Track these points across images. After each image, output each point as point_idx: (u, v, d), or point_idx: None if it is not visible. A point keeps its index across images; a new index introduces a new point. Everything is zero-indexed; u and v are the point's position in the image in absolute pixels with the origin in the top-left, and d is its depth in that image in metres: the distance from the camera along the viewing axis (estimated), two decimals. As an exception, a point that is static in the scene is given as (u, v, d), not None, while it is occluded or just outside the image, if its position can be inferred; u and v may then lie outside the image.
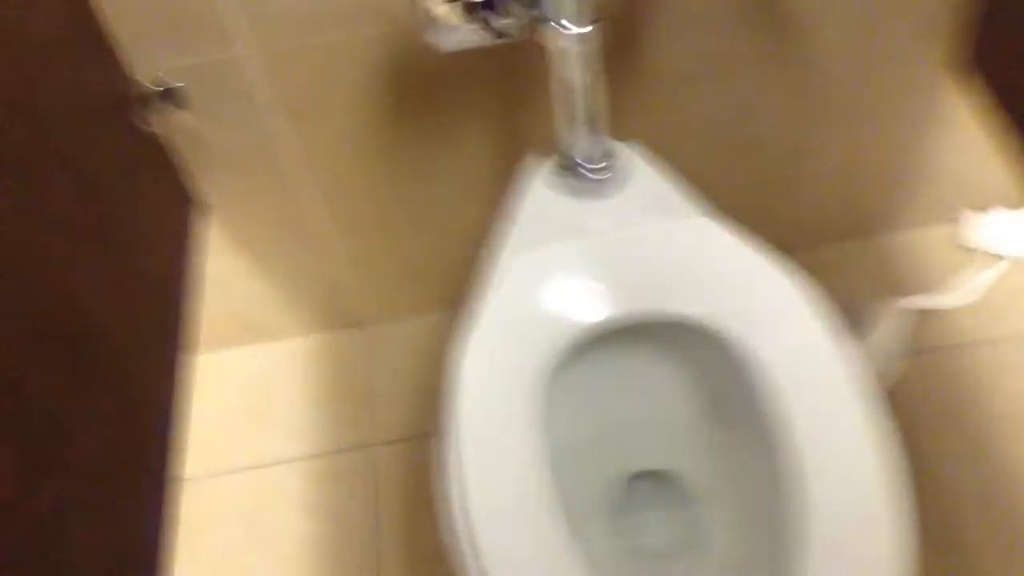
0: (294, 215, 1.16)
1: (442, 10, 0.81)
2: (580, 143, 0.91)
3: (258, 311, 1.29)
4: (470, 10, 0.81)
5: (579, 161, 0.93)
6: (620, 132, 0.96)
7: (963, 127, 1.19)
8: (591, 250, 0.89)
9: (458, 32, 0.82)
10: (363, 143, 1.09)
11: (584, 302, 0.86)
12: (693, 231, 0.89)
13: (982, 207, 1.33)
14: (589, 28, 0.81)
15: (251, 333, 1.32)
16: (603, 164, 0.92)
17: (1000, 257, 1.32)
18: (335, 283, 1.27)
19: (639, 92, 1.09)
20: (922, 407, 1.21)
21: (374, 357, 1.32)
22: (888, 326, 1.26)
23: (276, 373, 1.32)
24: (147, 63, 0.96)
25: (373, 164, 1.12)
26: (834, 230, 1.35)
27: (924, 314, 1.28)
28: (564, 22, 0.81)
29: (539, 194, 0.94)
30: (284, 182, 1.11)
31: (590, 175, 0.93)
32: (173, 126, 1.03)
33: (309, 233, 1.19)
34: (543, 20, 0.82)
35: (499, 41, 0.83)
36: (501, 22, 0.82)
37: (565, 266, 0.88)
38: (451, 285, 1.29)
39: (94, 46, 0.92)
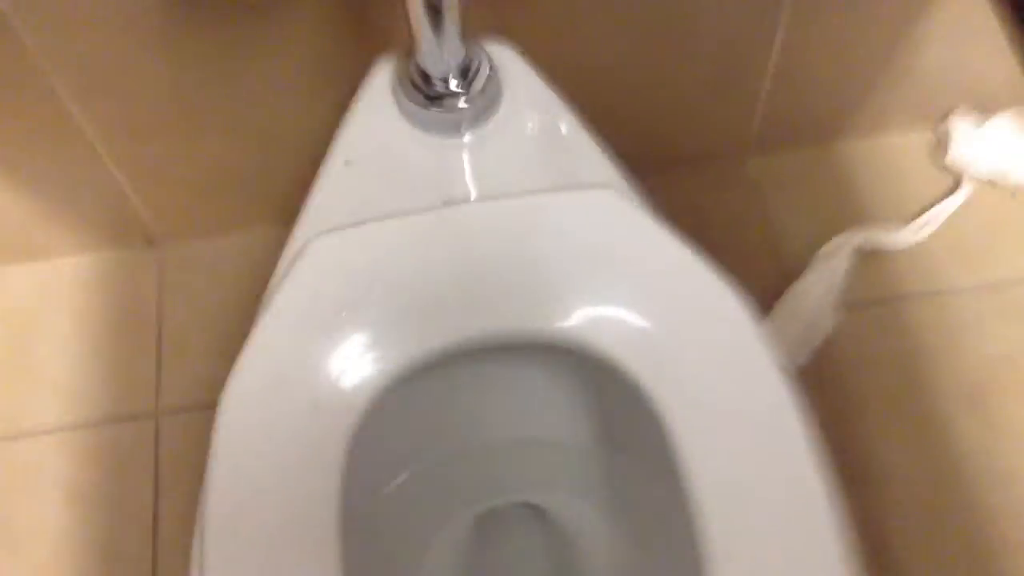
0: (49, 113, 0.85)
1: None
2: (426, 46, 0.60)
3: (8, 223, 0.97)
4: None
5: (426, 75, 0.62)
6: (495, 25, 0.66)
7: (968, 16, 0.92)
8: (430, 231, 0.60)
9: None
10: (144, 21, 0.77)
11: (410, 321, 0.58)
12: (583, 208, 0.60)
13: (980, 112, 1.06)
14: None
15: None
16: (457, 81, 0.62)
17: (987, 180, 1.05)
18: (114, 191, 0.95)
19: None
20: (861, 377, 0.96)
21: (169, 288, 1.01)
22: (825, 268, 1.00)
23: (33, 305, 0.99)
24: None
25: (162, 51, 0.81)
26: (790, 137, 1.08)
27: (874, 254, 1.02)
28: None
29: (375, 124, 0.65)
30: (26, 71, 0.80)
31: (441, 98, 0.62)
32: None
33: (73, 134, 0.87)
34: None
35: None
36: None
37: (389, 257, 0.59)
38: (276, 198, 0.99)
39: None
